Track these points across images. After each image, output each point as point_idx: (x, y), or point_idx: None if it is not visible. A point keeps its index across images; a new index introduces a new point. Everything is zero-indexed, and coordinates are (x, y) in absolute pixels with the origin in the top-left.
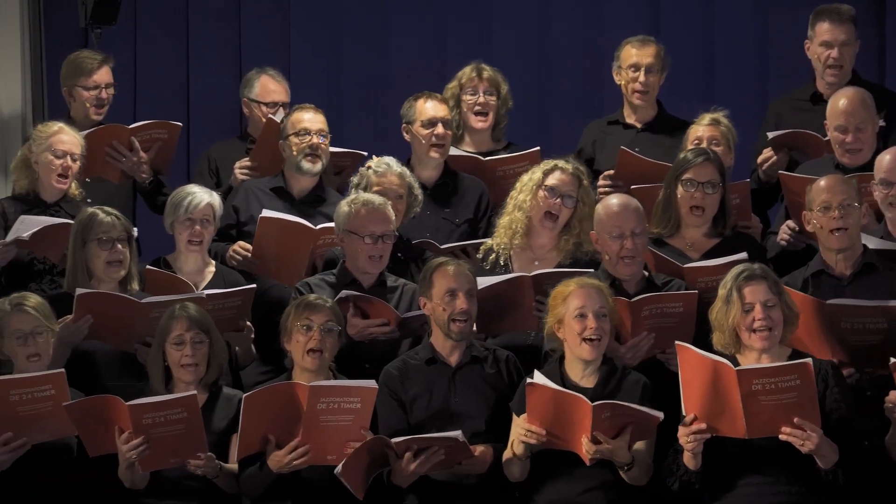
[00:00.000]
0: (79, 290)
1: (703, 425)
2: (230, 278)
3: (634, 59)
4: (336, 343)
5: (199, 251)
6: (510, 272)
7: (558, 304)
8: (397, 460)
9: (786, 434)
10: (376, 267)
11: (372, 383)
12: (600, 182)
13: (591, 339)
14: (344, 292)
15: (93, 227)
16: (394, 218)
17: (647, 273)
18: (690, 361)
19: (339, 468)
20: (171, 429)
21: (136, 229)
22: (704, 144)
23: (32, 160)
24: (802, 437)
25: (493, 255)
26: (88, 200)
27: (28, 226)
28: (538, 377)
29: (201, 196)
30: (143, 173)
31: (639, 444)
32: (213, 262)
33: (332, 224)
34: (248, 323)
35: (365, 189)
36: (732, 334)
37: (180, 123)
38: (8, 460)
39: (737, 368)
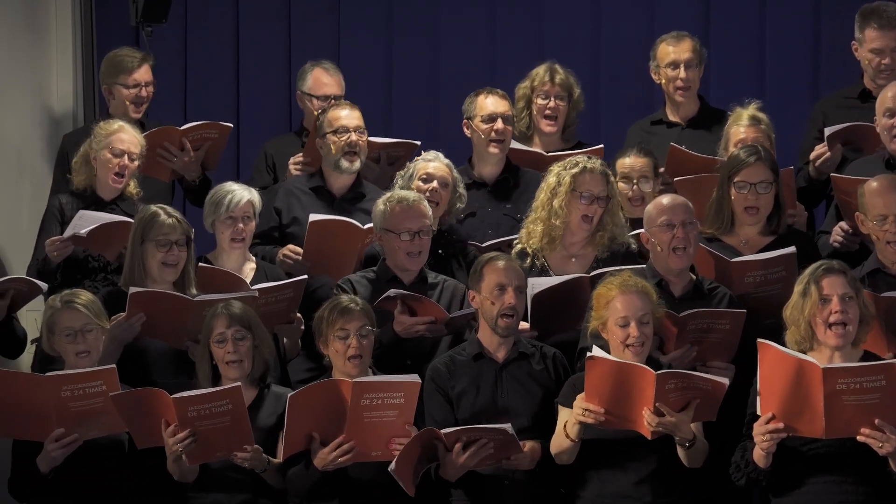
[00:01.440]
0: (132, 289)
1: (781, 424)
2: (272, 274)
3: (672, 56)
4: (372, 343)
5: (241, 248)
6: (546, 272)
7: (601, 307)
8: (446, 453)
9: (865, 435)
10: (415, 263)
11: (415, 378)
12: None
13: (633, 346)
14: (392, 291)
15: (153, 228)
16: (430, 213)
17: (694, 276)
18: (772, 359)
19: (392, 465)
20: (216, 421)
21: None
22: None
23: (91, 156)
24: (882, 438)
25: (529, 259)
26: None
27: (86, 222)
28: (597, 351)
29: (241, 193)
30: (192, 171)
31: (694, 427)
32: (254, 258)
33: None
34: (299, 314)
35: (411, 177)
36: (808, 329)
37: (231, 124)
38: (60, 456)
39: (823, 367)
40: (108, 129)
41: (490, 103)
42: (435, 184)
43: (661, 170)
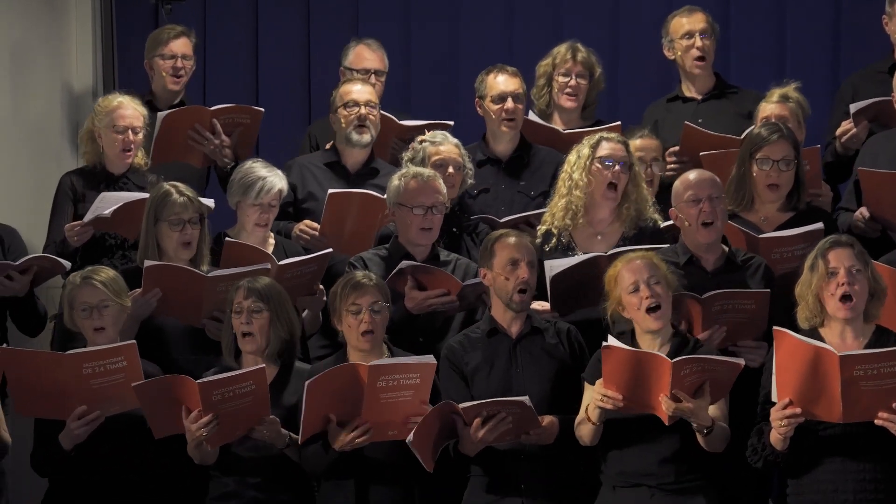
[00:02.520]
0: (147, 263)
1: (798, 409)
2: (291, 250)
3: (686, 27)
4: (386, 319)
5: (263, 232)
6: (573, 251)
7: (613, 287)
8: (465, 428)
9: (883, 419)
10: (427, 238)
11: (430, 358)
12: (667, 159)
13: (651, 309)
14: (405, 263)
15: (165, 207)
16: (444, 190)
17: (726, 248)
18: (788, 346)
19: (410, 437)
20: (238, 403)
21: (212, 201)
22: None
23: (96, 134)
24: None
25: (554, 239)
26: (151, 171)
27: (107, 203)
28: (613, 341)
29: (272, 181)
30: (224, 157)
31: (715, 411)
32: (273, 234)
33: None
34: (321, 286)
35: (422, 162)
36: (816, 303)
37: (262, 109)
38: (84, 433)
39: (840, 354)
40: (108, 106)
41: (500, 82)
42: (450, 169)
43: (676, 148)
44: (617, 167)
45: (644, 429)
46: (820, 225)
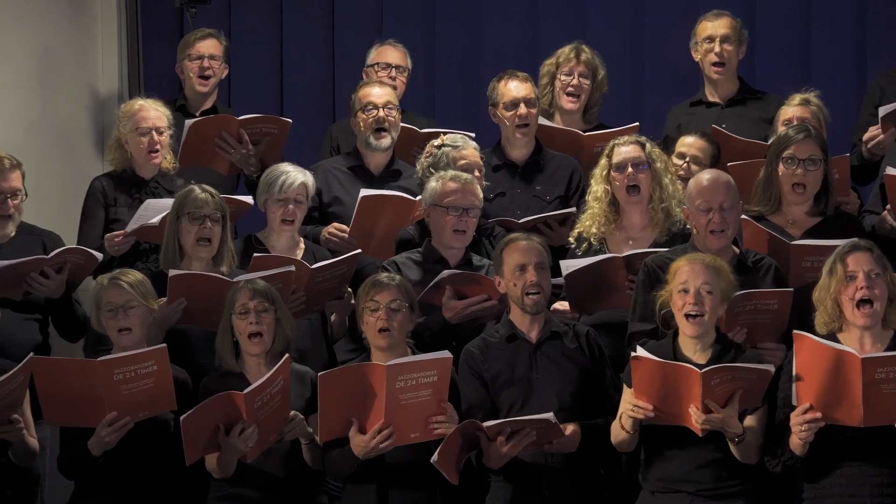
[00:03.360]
0: (171, 273)
1: (819, 414)
2: (321, 255)
3: (709, 31)
4: (407, 319)
5: (290, 230)
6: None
7: (671, 278)
8: (489, 443)
9: None
10: (461, 241)
11: (446, 353)
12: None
13: (691, 316)
14: (444, 274)
15: (187, 202)
16: (481, 195)
17: (737, 250)
18: (808, 350)
19: (435, 457)
20: (272, 405)
21: (250, 198)
22: (794, 129)
23: (123, 140)
24: None
25: (586, 244)
26: (180, 175)
27: (153, 211)
28: (641, 351)
29: (295, 175)
30: (251, 166)
31: (750, 421)
32: (304, 239)
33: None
34: (349, 289)
35: (445, 166)
36: (835, 308)
37: (290, 120)
38: (114, 440)
39: (862, 356)
40: (130, 111)
41: (512, 88)
42: (476, 172)
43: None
44: (630, 169)
45: (683, 434)
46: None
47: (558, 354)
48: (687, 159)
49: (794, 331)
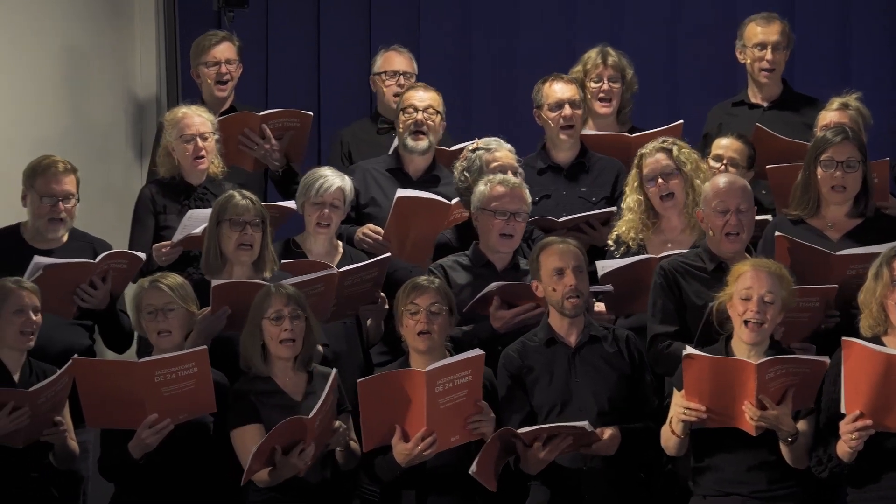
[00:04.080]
0: (214, 282)
1: (870, 421)
2: (358, 259)
3: (760, 37)
4: (446, 323)
5: (326, 233)
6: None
7: (732, 282)
8: (526, 449)
9: None
10: (508, 245)
11: (477, 351)
12: None
13: (751, 323)
14: (493, 285)
15: (227, 209)
16: (529, 199)
17: (749, 257)
18: (858, 356)
19: (473, 468)
20: (326, 420)
21: (293, 203)
22: (832, 132)
23: (170, 148)
24: None
25: (624, 247)
26: (226, 179)
27: (196, 221)
28: (692, 349)
29: (332, 180)
30: (275, 161)
31: (802, 425)
32: (342, 243)
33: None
34: (382, 294)
35: (479, 170)
36: (880, 312)
37: (311, 113)
38: (154, 442)
39: None
40: (173, 119)
41: (557, 90)
42: (509, 173)
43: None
44: (660, 180)
45: (734, 436)
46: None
47: (597, 358)
48: (724, 161)
49: (843, 337)
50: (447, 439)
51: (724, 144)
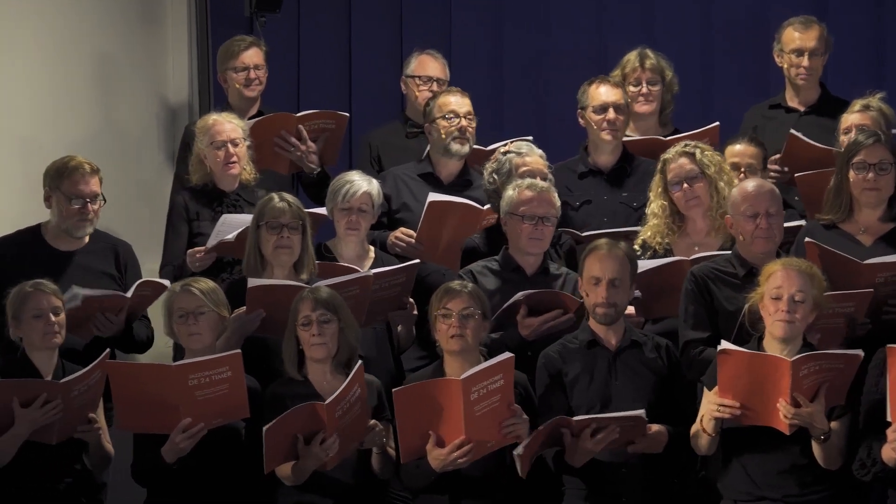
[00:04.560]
0: (250, 284)
1: None
2: (391, 264)
3: (798, 42)
4: (479, 326)
5: (356, 237)
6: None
7: (763, 281)
8: (572, 439)
9: None
10: (537, 247)
11: (507, 354)
12: (768, 167)
13: (780, 321)
14: (520, 294)
15: (266, 212)
16: (558, 203)
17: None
18: None
19: (520, 450)
20: (352, 413)
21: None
22: (853, 133)
23: (202, 155)
24: None
25: (650, 251)
26: (259, 186)
27: (229, 227)
28: (727, 344)
29: (359, 184)
30: (310, 163)
31: (834, 425)
32: (373, 247)
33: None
34: (411, 300)
35: (508, 173)
36: None
37: (347, 114)
38: (188, 447)
39: None
40: (204, 126)
41: (602, 93)
42: (537, 179)
43: (777, 156)
44: (685, 184)
45: (765, 439)
46: None
47: (637, 363)
48: (742, 169)
49: (888, 345)
50: (484, 445)
51: (738, 151)
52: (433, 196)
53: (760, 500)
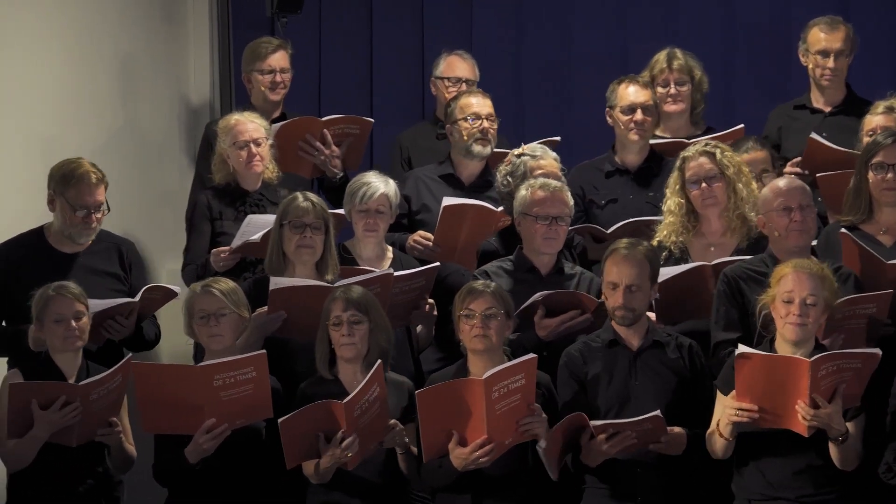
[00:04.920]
0: (272, 286)
1: None
2: (409, 264)
3: (823, 44)
4: (503, 326)
5: (374, 238)
6: (687, 262)
7: (774, 283)
8: (590, 440)
9: None
10: (551, 247)
11: (530, 355)
12: (787, 170)
13: (792, 323)
14: (538, 295)
15: (289, 211)
16: (571, 202)
17: (814, 256)
18: None
19: (542, 443)
20: (371, 412)
21: None
22: (882, 136)
23: (225, 155)
24: None
25: (666, 252)
26: (282, 185)
27: (255, 227)
28: (744, 348)
29: (376, 186)
30: (334, 167)
31: (851, 428)
32: (391, 248)
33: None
34: (431, 300)
35: (523, 176)
36: None
37: (372, 120)
38: (211, 448)
39: None
40: (226, 126)
41: (631, 93)
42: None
43: (798, 159)
44: (703, 183)
45: (779, 440)
46: None
47: (658, 363)
48: (755, 174)
49: None
50: (503, 444)
51: (747, 159)
52: (448, 200)
53: (775, 501)
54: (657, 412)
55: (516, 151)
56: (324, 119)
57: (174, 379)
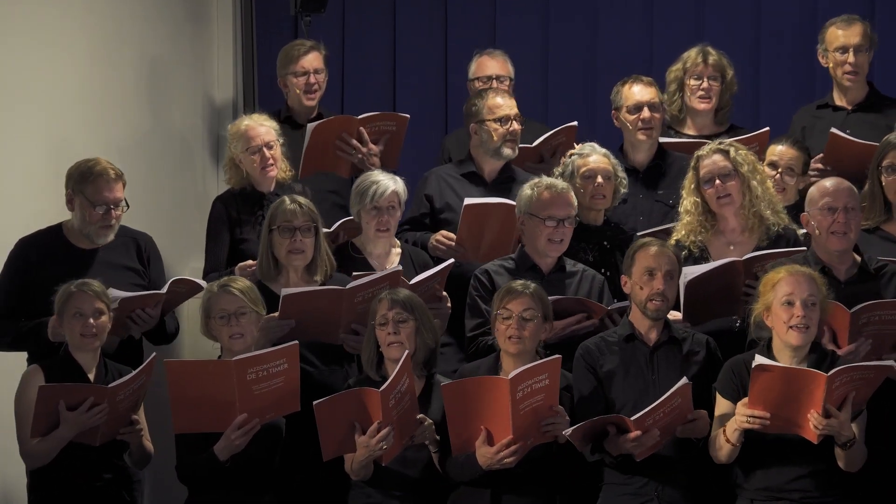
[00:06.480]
0: (284, 292)
1: None
2: (418, 259)
3: (841, 40)
4: (539, 328)
5: (387, 237)
6: (706, 260)
7: (767, 291)
8: (616, 435)
9: None
10: (556, 250)
11: (555, 356)
12: (812, 167)
13: (797, 327)
14: (551, 298)
15: (277, 215)
16: (576, 203)
17: (859, 257)
18: None
19: (569, 431)
20: (403, 404)
21: None
22: (894, 136)
23: (236, 160)
24: None
25: (685, 251)
26: (297, 181)
27: None
28: (762, 359)
29: (386, 184)
30: (372, 165)
31: (854, 429)
32: (399, 241)
33: None
34: (444, 293)
35: (571, 175)
36: None
37: (408, 115)
38: (243, 444)
39: None
40: (237, 132)
41: (636, 92)
42: (599, 179)
43: (821, 156)
44: (718, 181)
45: (783, 442)
46: None
47: (676, 359)
48: (779, 170)
49: None
50: (525, 445)
51: (779, 151)
52: (468, 200)
53: (779, 501)
54: (685, 380)
55: (570, 152)
56: (360, 117)
57: (207, 376)
